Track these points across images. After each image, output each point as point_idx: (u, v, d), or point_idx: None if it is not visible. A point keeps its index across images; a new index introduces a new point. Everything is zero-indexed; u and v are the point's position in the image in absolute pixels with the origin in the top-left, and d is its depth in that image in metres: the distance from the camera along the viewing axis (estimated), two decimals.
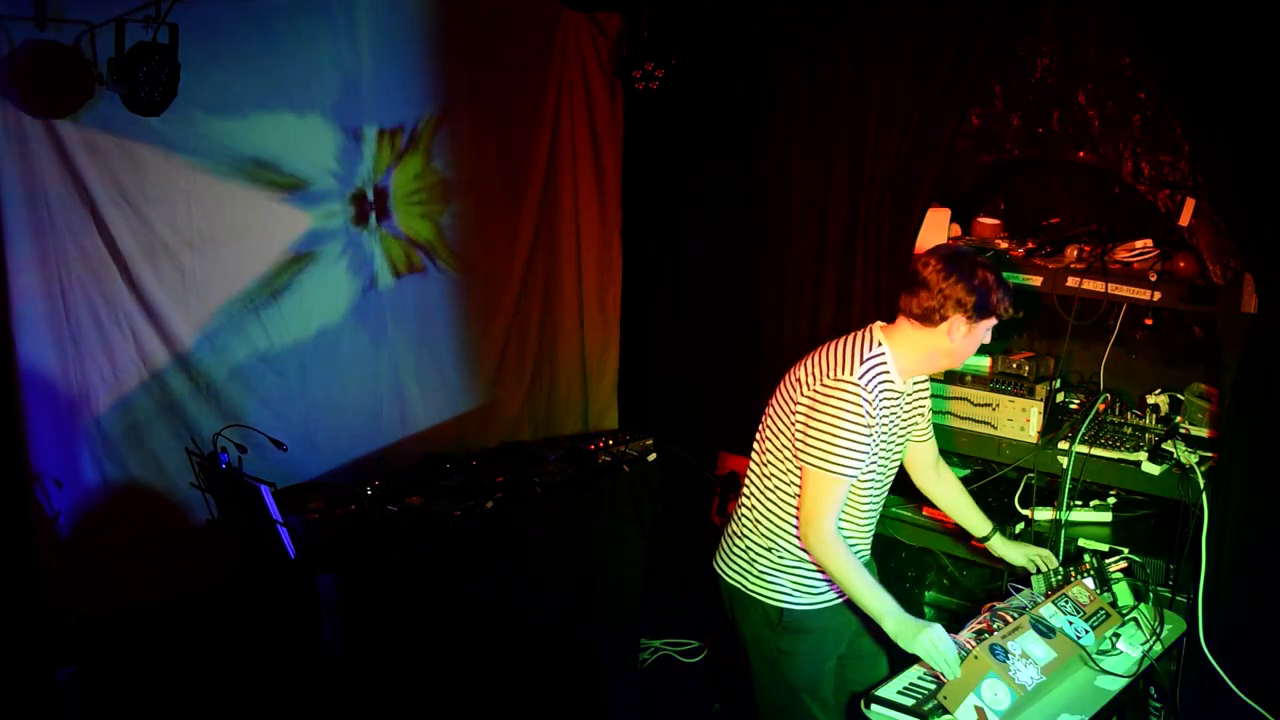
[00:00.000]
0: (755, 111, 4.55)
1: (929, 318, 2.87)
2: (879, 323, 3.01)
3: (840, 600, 3.10)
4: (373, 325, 4.44)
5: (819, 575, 3.04)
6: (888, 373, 2.92)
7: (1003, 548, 3.35)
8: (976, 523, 3.37)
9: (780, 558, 3.04)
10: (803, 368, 2.99)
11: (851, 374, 2.87)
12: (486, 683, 3.94)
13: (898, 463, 3.15)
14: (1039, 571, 3.28)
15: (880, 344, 2.94)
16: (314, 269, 4.21)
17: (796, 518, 3.00)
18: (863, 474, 2.95)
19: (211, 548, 3.95)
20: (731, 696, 4.54)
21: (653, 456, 4.43)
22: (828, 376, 2.89)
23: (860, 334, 2.99)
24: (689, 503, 4.97)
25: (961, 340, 2.90)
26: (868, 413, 2.86)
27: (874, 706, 2.81)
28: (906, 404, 3.07)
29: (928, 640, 2.78)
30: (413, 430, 4.61)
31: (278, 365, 4.16)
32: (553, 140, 4.88)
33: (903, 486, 4.02)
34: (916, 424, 3.17)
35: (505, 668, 3.99)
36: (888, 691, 2.85)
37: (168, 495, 3.89)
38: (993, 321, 2.90)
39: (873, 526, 3.17)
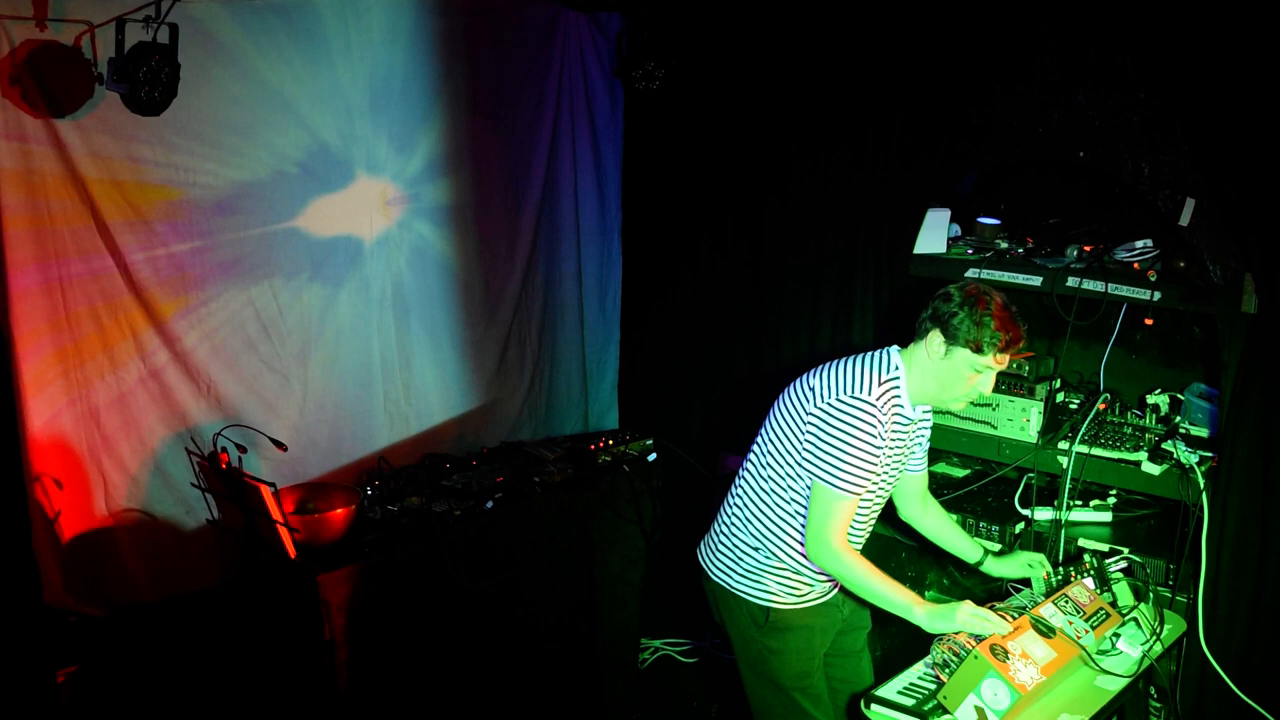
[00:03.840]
0: (755, 110, 4.55)
1: (941, 348, 2.90)
2: (895, 346, 3.03)
3: (824, 599, 3.11)
4: (373, 325, 4.44)
5: (804, 576, 3.06)
6: (899, 398, 2.94)
7: (998, 567, 3.35)
8: (967, 549, 3.38)
9: (766, 557, 3.06)
10: (817, 377, 2.99)
11: (868, 394, 2.88)
12: (487, 683, 3.94)
13: (893, 486, 3.17)
14: (1044, 577, 3.28)
15: (897, 368, 2.96)
16: (314, 269, 4.21)
17: (789, 521, 3.01)
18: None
19: (211, 548, 3.95)
20: (731, 696, 4.54)
21: (653, 456, 4.43)
22: (844, 392, 2.90)
23: (879, 355, 3.00)
24: (689, 503, 4.97)
25: (967, 375, 2.91)
26: (880, 435, 2.88)
27: (874, 706, 2.81)
28: (914, 432, 3.09)
29: (965, 615, 2.83)
30: (413, 430, 4.61)
31: (278, 365, 4.16)
32: (553, 140, 4.87)
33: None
34: (914, 453, 3.18)
35: (506, 668, 3.99)
36: (887, 691, 2.85)
37: (168, 495, 3.89)
38: (1000, 362, 2.90)
39: (862, 545, 3.18)
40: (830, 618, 3.14)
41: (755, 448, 3.13)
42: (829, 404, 2.90)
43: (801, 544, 2.99)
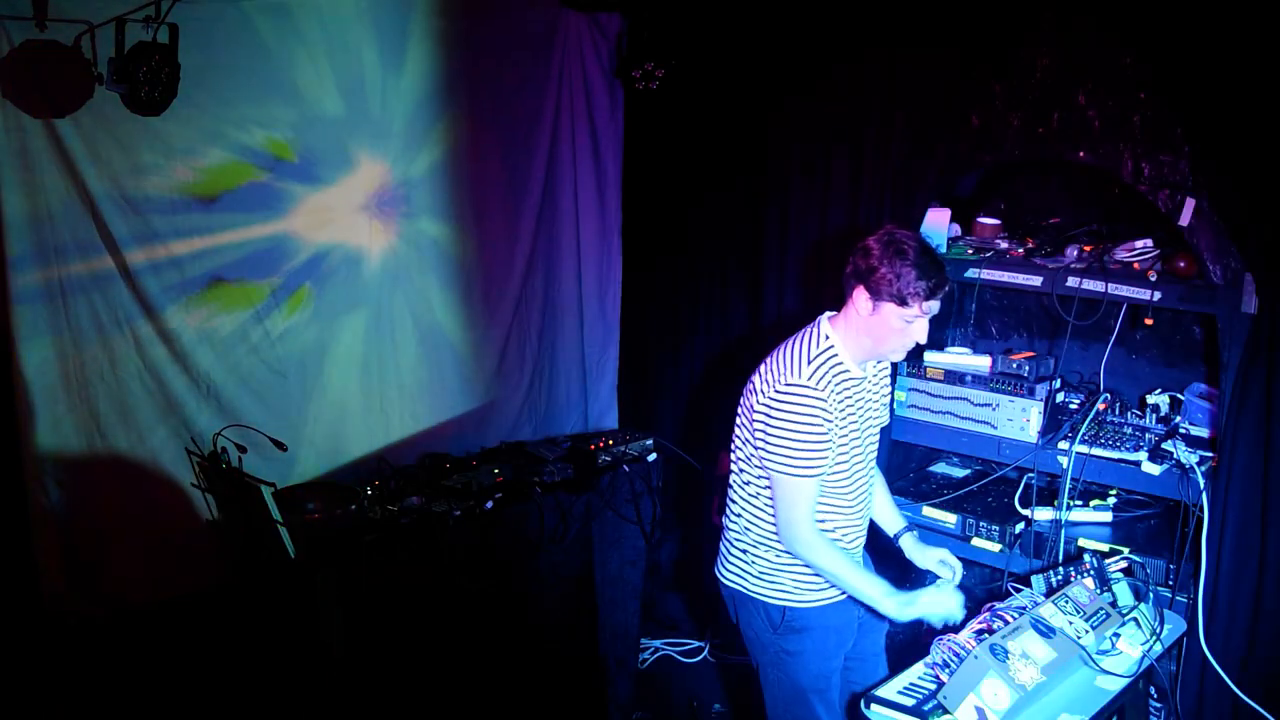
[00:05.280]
0: (755, 111, 4.55)
1: (867, 305, 2.88)
2: (827, 313, 3.01)
3: (840, 598, 3.10)
4: (373, 325, 4.44)
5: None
6: (840, 363, 2.93)
7: (911, 549, 3.28)
8: (891, 519, 3.32)
9: (779, 555, 3.04)
10: (757, 374, 2.99)
11: (800, 376, 2.87)
12: (487, 683, 3.94)
13: (873, 442, 3.14)
14: (950, 576, 3.18)
15: (827, 337, 2.94)
16: (314, 269, 4.22)
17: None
18: (834, 463, 2.95)
19: (211, 548, 3.95)
20: (731, 696, 4.54)
21: (653, 456, 4.43)
22: (779, 382, 2.89)
23: (808, 330, 2.99)
24: (689, 503, 4.98)
25: (897, 327, 2.87)
26: (822, 410, 2.86)
27: (874, 706, 2.81)
28: (871, 386, 3.07)
29: (926, 601, 2.88)
30: (413, 430, 4.61)
31: (278, 365, 4.16)
32: (553, 140, 4.88)
33: (903, 488, 4.04)
34: (877, 409, 3.16)
35: (505, 668, 3.99)
36: (888, 691, 2.85)
37: (168, 495, 3.89)
38: (921, 307, 2.86)
39: (864, 511, 3.16)
40: (846, 616, 3.12)
41: (732, 453, 3.13)
42: (768, 397, 2.90)
43: None
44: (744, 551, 3.11)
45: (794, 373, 2.88)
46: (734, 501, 3.14)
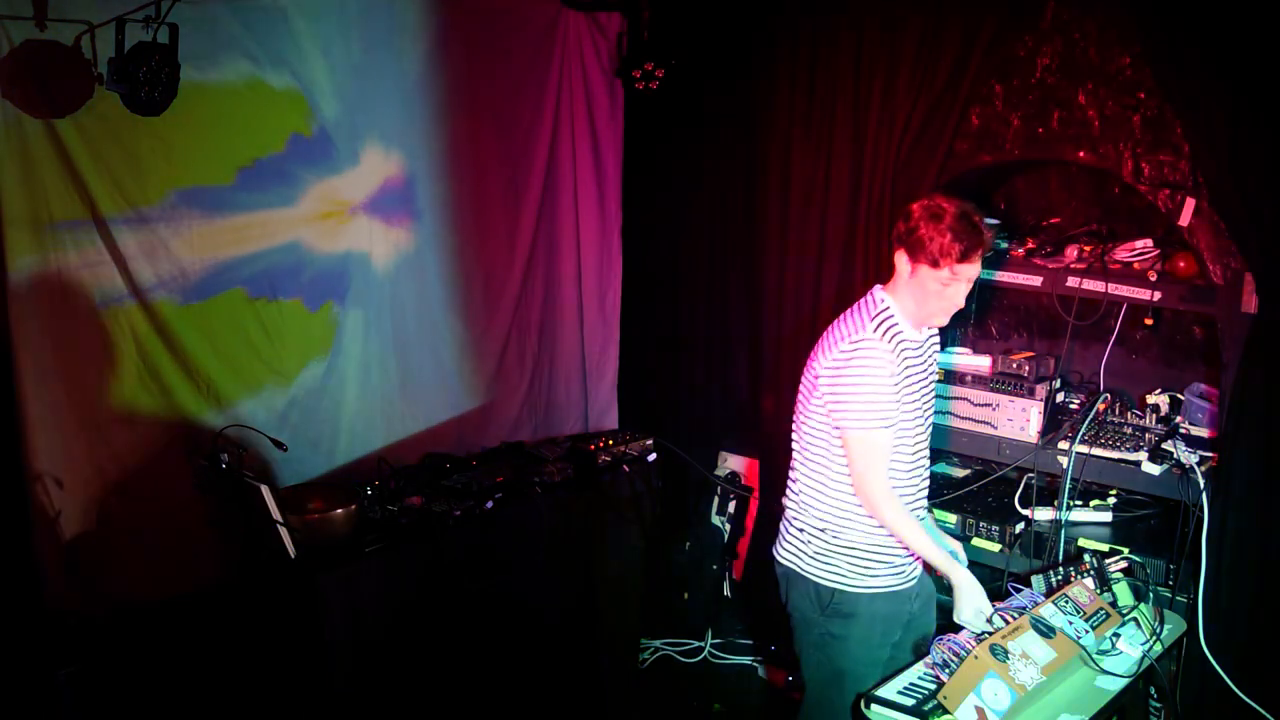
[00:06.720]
0: (755, 111, 4.55)
1: (908, 268, 2.97)
2: (878, 285, 3.09)
3: (895, 589, 3.10)
4: (373, 324, 4.44)
5: (875, 558, 3.06)
6: (897, 324, 3.00)
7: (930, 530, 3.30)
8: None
9: (835, 537, 3.06)
10: (819, 349, 3.07)
11: (865, 331, 2.96)
12: (487, 683, 3.94)
13: (931, 405, 3.18)
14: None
15: (882, 300, 3.03)
16: (314, 268, 4.21)
17: (845, 497, 3.02)
18: (898, 423, 2.99)
19: (211, 548, 3.95)
20: (731, 696, 4.54)
21: (653, 456, 4.43)
22: (844, 341, 2.97)
23: (862, 300, 3.08)
24: (689, 503, 4.97)
25: (936, 289, 2.94)
26: (889, 361, 2.94)
27: (874, 706, 2.81)
28: (926, 349, 3.13)
29: (969, 582, 2.98)
30: (413, 430, 4.61)
31: (278, 365, 4.16)
32: (553, 140, 4.88)
33: None
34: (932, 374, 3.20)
35: (505, 668, 3.99)
36: (887, 691, 2.85)
37: (168, 495, 3.89)
38: (961, 273, 2.92)
39: (922, 475, 3.18)
40: (897, 607, 3.13)
41: (794, 438, 3.17)
42: (833, 359, 2.98)
43: (868, 518, 3.02)
44: (800, 530, 3.13)
45: (858, 331, 2.97)
46: (794, 480, 3.18)
